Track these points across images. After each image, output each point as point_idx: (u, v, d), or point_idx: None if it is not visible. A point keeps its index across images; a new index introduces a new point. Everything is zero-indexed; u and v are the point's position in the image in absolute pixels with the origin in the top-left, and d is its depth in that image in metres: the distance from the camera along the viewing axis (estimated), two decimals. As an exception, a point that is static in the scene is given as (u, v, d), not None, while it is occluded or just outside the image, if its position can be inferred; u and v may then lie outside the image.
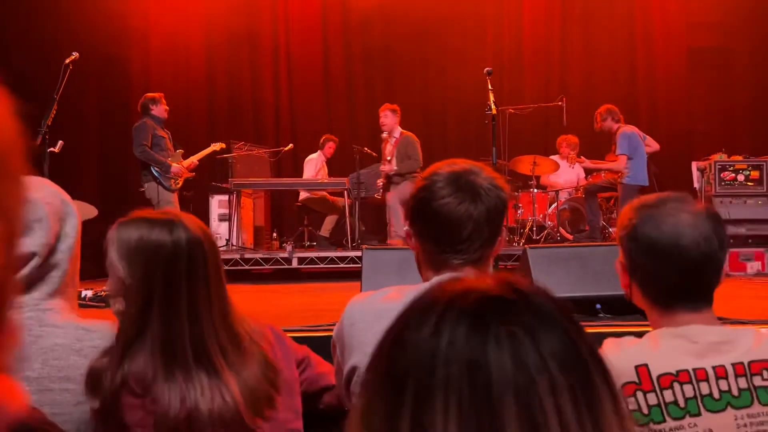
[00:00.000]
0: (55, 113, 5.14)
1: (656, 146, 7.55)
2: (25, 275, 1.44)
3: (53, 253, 1.50)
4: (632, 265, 1.50)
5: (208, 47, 10.13)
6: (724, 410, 1.37)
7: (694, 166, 7.62)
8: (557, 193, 8.30)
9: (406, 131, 7.66)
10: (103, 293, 4.40)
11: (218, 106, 10.25)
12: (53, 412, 1.39)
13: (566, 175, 8.56)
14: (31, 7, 8.93)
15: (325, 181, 8.31)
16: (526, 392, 0.63)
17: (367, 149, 8.24)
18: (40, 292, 1.49)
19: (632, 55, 10.19)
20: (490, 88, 5.23)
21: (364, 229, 8.23)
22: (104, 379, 1.43)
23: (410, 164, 7.48)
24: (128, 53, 9.66)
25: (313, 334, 2.98)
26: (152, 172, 6.88)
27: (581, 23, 10.23)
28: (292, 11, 10.31)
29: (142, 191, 6.93)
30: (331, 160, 8.85)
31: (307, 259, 7.25)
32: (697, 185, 7.48)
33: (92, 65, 8.23)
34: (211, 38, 10.08)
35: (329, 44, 10.40)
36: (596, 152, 8.11)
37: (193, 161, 7.27)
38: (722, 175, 7.17)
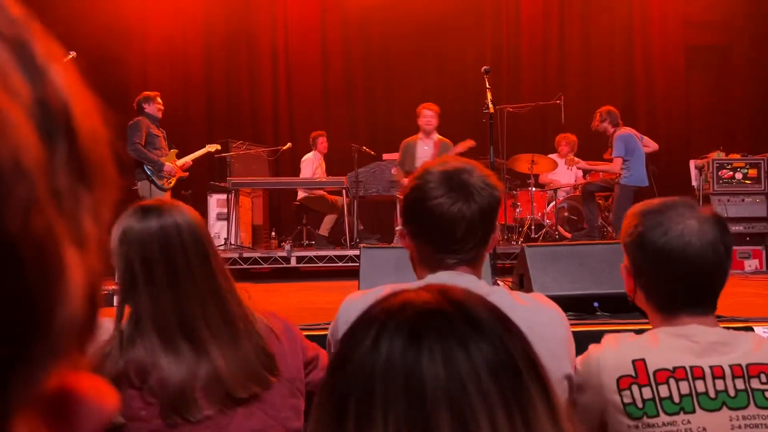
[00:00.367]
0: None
1: (654, 146, 7.54)
2: None
3: None
4: (637, 271, 1.49)
5: (206, 47, 10.12)
6: (719, 410, 1.37)
7: (692, 164, 7.63)
8: (555, 191, 8.30)
9: (441, 136, 7.31)
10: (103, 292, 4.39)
11: (217, 105, 10.24)
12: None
13: (564, 174, 8.55)
14: (28, 7, 8.90)
15: (323, 180, 8.30)
16: (458, 401, 0.64)
17: (365, 148, 8.22)
18: None
19: (630, 53, 10.20)
20: (487, 86, 5.21)
21: (362, 227, 8.23)
22: (104, 372, 1.43)
23: None
24: (126, 53, 9.65)
25: (310, 332, 2.98)
26: (145, 170, 6.86)
27: (579, 21, 10.23)
28: (290, 10, 10.30)
29: (135, 189, 6.90)
30: (329, 159, 8.82)
31: (305, 258, 7.24)
32: (695, 183, 7.49)
33: (90, 65, 8.14)
34: (209, 38, 10.07)
35: (327, 43, 10.39)
36: (593, 151, 8.10)
37: (186, 161, 7.26)
38: (720, 173, 7.17)
